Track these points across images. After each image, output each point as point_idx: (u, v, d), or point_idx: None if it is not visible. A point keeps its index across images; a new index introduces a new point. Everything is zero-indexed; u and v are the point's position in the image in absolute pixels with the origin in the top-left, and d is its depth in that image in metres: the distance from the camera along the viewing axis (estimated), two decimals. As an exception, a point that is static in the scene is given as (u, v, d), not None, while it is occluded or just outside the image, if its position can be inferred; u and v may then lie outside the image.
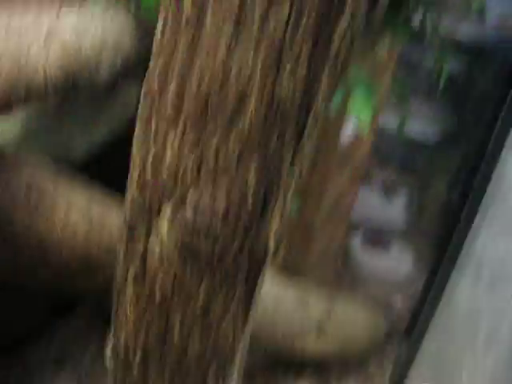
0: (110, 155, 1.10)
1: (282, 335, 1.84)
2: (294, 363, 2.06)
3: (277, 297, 1.82)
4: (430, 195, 2.75)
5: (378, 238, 2.71)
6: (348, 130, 2.21)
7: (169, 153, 0.76)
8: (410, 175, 2.81)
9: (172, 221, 0.80)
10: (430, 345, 2.07)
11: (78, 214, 1.24)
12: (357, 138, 2.26)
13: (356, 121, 2.29)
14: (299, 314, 1.89)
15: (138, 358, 0.97)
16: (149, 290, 0.88)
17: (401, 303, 2.53)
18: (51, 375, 2.10)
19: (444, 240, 1.98)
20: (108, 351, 1.05)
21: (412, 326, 2.34)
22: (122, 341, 0.98)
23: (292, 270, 2.07)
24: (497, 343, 1.86)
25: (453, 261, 1.85)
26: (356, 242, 2.68)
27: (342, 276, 2.55)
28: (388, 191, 2.78)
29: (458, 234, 1.80)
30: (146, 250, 0.85)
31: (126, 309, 0.93)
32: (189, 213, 0.78)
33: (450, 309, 1.94)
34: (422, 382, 2.09)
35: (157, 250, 0.84)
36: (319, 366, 2.09)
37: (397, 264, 2.66)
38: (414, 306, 2.44)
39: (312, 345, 1.97)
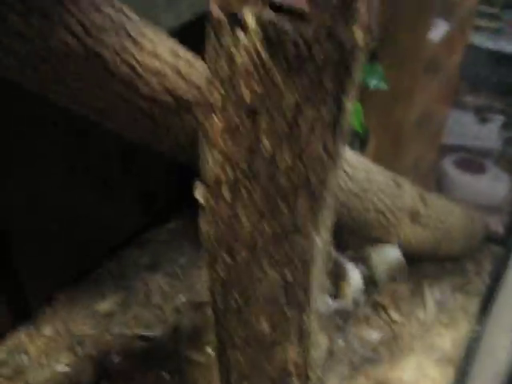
0: (195, 34, 1.13)
1: (373, 209, 1.79)
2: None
3: (368, 169, 1.77)
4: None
5: (471, 162, 2.65)
6: (437, 34, 2.19)
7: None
8: (504, 97, 2.74)
9: (256, 22, 0.82)
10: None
11: (165, 58, 1.28)
12: (446, 45, 2.24)
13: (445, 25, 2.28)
14: (392, 191, 1.84)
15: (226, 192, 0.98)
16: (236, 107, 0.90)
17: (494, 226, 2.45)
18: (147, 275, 2.15)
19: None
20: (197, 193, 1.06)
21: (506, 240, 2.27)
22: (210, 174, 0.99)
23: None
24: None
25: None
26: (449, 166, 2.63)
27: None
28: (482, 116, 2.72)
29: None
30: (232, 61, 0.87)
31: (213, 137, 0.95)
32: (271, 12, 0.82)
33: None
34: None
35: (243, 54, 0.86)
36: (413, 260, 2.04)
37: (490, 189, 2.59)
38: (508, 224, 2.37)
39: (406, 229, 1.92)
